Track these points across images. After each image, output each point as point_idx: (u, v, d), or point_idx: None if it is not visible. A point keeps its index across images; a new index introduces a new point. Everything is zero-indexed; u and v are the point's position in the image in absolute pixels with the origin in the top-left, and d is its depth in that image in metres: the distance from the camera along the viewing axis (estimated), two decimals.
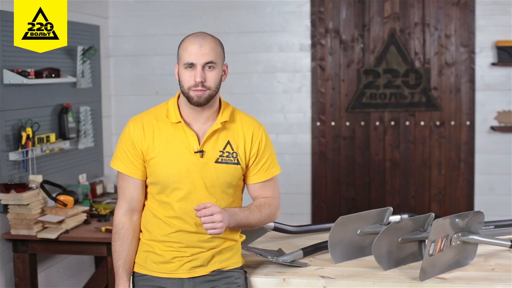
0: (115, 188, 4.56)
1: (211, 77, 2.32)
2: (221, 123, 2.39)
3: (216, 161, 2.37)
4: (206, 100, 2.33)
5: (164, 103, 2.45)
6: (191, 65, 2.30)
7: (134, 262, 2.47)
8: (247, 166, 2.43)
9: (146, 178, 2.42)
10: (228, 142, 2.39)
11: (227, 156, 2.38)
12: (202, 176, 2.35)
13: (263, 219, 2.44)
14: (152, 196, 2.42)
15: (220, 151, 2.38)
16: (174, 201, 2.36)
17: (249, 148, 2.41)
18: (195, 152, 2.35)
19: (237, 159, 2.39)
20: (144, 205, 2.46)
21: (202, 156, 2.35)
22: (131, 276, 2.47)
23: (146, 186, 2.45)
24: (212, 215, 2.25)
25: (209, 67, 2.31)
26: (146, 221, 2.44)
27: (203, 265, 2.40)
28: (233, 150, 2.39)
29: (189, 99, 2.33)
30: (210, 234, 2.28)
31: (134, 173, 2.40)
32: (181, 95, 2.40)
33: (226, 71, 2.40)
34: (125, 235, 2.42)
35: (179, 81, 2.35)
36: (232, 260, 2.45)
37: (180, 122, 2.37)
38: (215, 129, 2.38)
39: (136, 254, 2.46)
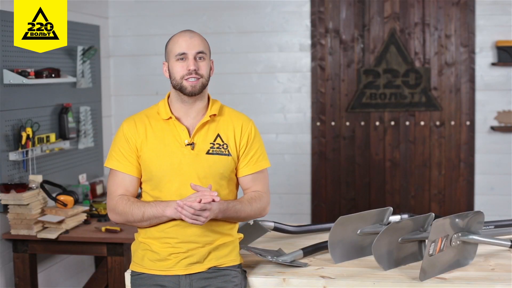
0: None
1: (203, 66, 2.40)
2: (210, 116, 2.44)
3: (207, 153, 2.41)
4: (200, 89, 2.39)
5: (155, 104, 2.52)
6: (182, 56, 2.37)
7: (132, 261, 2.48)
8: (238, 157, 2.46)
9: (141, 177, 2.44)
10: (218, 135, 2.44)
11: (217, 148, 2.42)
12: (194, 167, 2.38)
13: (253, 213, 2.47)
14: (147, 194, 2.44)
15: (211, 143, 2.42)
16: (168, 195, 2.38)
17: (238, 139, 2.46)
18: (186, 145, 2.39)
19: (228, 150, 2.43)
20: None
21: (193, 149, 2.40)
22: (130, 277, 2.48)
23: (140, 188, 2.48)
24: (204, 210, 2.27)
25: (200, 58, 2.39)
26: None
27: (199, 261, 2.41)
28: (223, 142, 2.44)
29: (182, 89, 2.39)
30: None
31: (130, 169, 2.42)
32: (172, 93, 2.46)
33: (212, 67, 2.48)
34: (133, 199, 2.40)
35: (169, 76, 2.42)
36: (229, 257, 2.45)
37: (171, 118, 2.43)
38: (205, 122, 2.43)
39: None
